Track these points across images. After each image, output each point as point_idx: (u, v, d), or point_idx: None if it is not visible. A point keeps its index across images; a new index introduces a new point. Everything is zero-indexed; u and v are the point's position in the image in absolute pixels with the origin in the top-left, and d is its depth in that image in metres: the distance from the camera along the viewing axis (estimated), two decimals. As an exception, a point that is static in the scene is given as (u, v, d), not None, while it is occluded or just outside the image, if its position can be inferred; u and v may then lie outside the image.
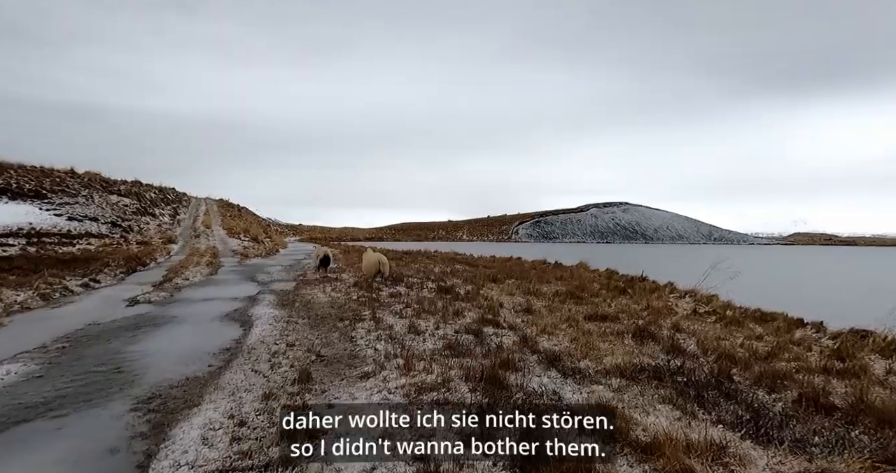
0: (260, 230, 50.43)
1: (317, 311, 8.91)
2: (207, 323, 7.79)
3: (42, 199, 28.27)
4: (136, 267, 16.59)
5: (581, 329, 7.20)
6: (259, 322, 7.69)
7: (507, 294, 11.46)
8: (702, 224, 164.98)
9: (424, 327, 7.31)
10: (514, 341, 6.25)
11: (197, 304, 9.63)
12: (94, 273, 13.20)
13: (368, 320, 7.92)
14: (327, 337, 6.89)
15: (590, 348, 5.64)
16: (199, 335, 6.83)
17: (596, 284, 15.01)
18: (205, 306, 9.41)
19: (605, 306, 10.20)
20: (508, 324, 7.37)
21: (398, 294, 11.15)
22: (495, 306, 9.05)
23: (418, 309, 8.84)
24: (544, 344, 6.13)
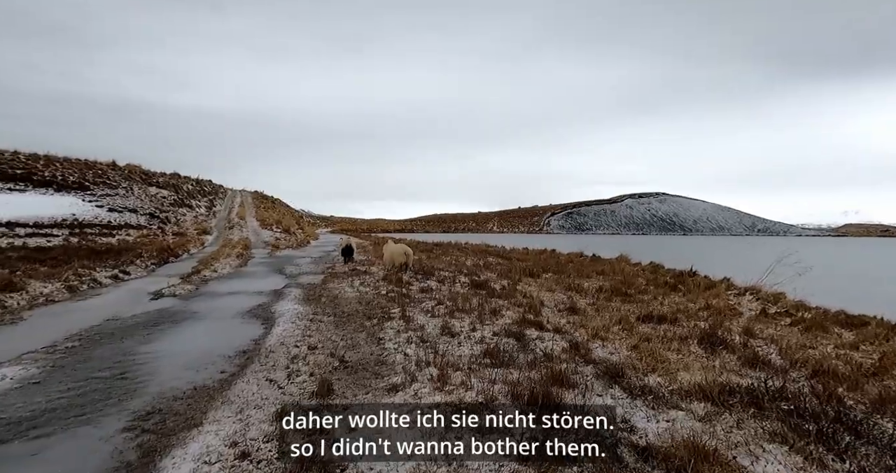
0: (292, 221, 50.93)
1: (343, 308, 8.35)
2: (228, 320, 7.32)
3: (85, 191, 29.05)
4: (168, 259, 16.56)
5: (637, 333, 6.34)
6: (281, 320, 7.16)
7: (546, 290, 10.63)
8: (744, 215, 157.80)
9: (459, 328, 6.60)
10: (562, 347, 5.46)
11: (221, 298, 9.23)
12: (125, 264, 13.11)
13: (398, 319, 7.28)
14: (353, 338, 6.28)
15: (656, 359, 4.80)
16: (216, 334, 6.34)
17: (641, 279, 13.95)
18: (228, 301, 9.00)
19: (656, 305, 9.24)
20: (553, 326, 6.57)
21: (429, 289, 10.49)
22: (536, 304, 8.25)
23: (451, 306, 8.14)
24: (598, 351, 5.32)
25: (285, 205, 76.30)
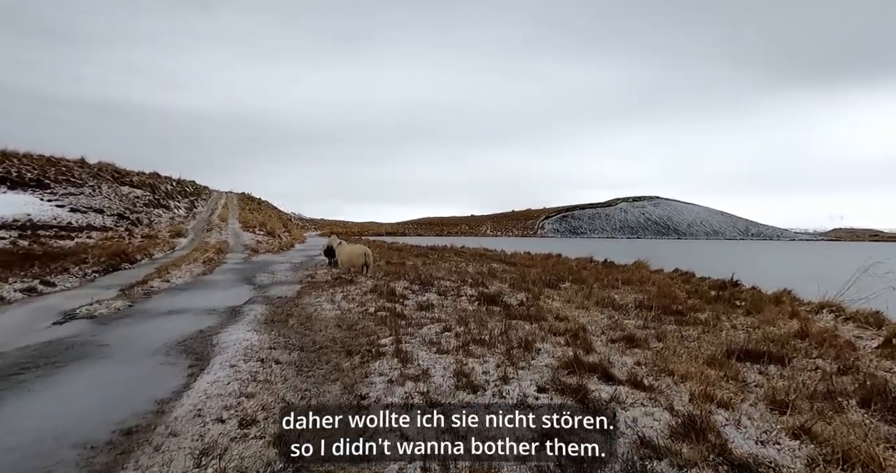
0: (279, 224, 48.35)
1: (316, 334, 6.12)
2: (143, 359, 5.06)
3: (44, 189, 26.44)
4: (120, 265, 14.17)
5: (756, 384, 4.18)
6: (219, 360, 4.91)
7: (576, 306, 8.46)
8: (737, 219, 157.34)
9: (482, 376, 4.42)
10: (666, 423, 3.29)
11: (154, 321, 6.95)
12: (56, 273, 10.74)
13: (390, 356, 5.07)
14: (321, 394, 4.07)
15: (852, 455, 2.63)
16: (106, 389, 4.10)
17: (677, 290, 11.86)
18: (162, 325, 6.72)
19: (727, 328, 7.12)
20: (624, 373, 4.40)
21: (429, 305, 8.28)
22: (577, 331, 6.08)
23: (463, 333, 5.95)
24: (734, 435, 3.14)
25: (273, 206, 73.58)
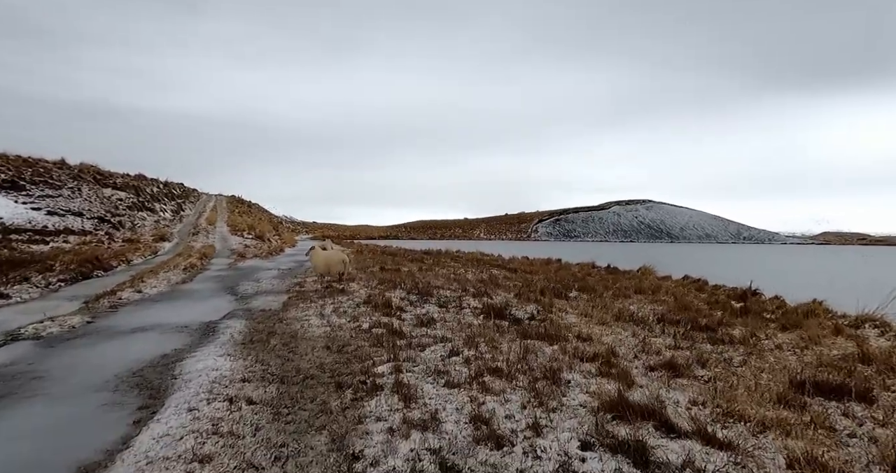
0: (269, 227, 47.11)
1: (301, 360, 5.18)
2: (80, 397, 4.08)
3: (19, 191, 25.18)
4: (92, 272, 13.08)
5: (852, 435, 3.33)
6: (177, 400, 3.95)
7: (596, 322, 7.57)
8: (729, 222, 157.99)
9: (505, 423, 3.51)
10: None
11: (110, 343, 5.96)
12: (13, 282, 9.68)
13: (389, 391, 4.15)
14: (302, 450, 3.14)
15: None
16: (6, 452, 3.12)
17: (694, 300, 11.04)
18: (119, 348, 5.74)
19: (772, 349, 6.27)
20: (691, 422, 3.50)
21: (430, 319, 7.38)
22: (608, 355, 5.19)
23: (474, 360, 5.04)
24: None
25: (263, 210, 72.22)
